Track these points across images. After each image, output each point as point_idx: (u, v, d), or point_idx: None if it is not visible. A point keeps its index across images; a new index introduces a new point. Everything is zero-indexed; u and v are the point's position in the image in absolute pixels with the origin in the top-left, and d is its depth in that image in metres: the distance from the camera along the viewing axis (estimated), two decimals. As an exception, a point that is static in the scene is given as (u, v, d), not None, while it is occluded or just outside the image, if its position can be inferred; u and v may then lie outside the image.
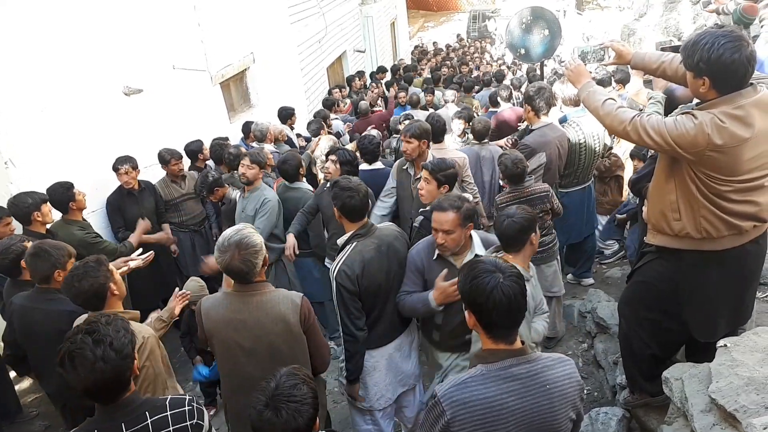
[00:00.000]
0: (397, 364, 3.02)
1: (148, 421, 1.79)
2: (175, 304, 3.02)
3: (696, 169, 2.22)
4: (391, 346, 2.98)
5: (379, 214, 4.04)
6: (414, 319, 3.11)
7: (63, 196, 4.02)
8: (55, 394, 3.15)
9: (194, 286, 3.52)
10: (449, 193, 2.86)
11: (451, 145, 5.53)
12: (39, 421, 4.26)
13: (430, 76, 11.62)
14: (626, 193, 5.36)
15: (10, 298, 3.11)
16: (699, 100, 2.28)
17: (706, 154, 2.13)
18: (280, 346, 2.43)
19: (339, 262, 2.78)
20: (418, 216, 3.49)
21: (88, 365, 1.67)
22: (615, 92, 6.10)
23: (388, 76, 12.79)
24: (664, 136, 2.16)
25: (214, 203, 4.77)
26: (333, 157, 4.19)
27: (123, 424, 1.76)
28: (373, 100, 9.58)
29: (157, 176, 5.31)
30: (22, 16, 4.28)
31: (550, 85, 4.86)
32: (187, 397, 1.92)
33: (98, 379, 1.69)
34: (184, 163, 5.46)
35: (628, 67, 2.99)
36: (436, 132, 4.32)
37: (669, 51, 2.77)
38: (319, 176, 5.63)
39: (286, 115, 7.33)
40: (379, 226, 2.98)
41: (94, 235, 4.18)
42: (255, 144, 6.01)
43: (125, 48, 5.30)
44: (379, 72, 12.43)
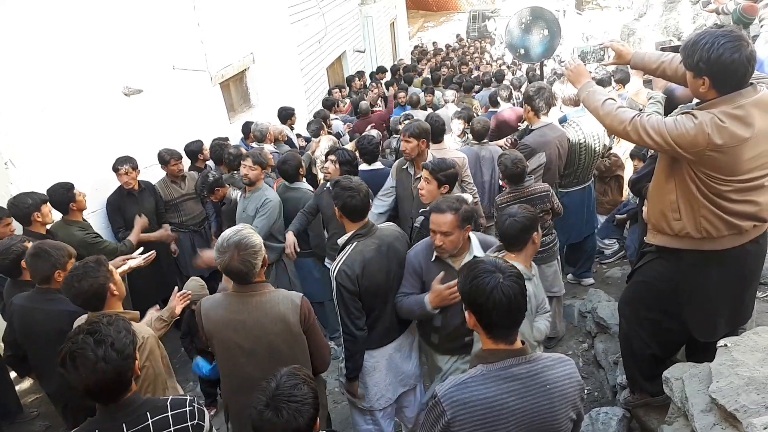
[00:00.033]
0: (398, 364, 3.02)
1: (149, 421, 1.79)
2: (176, 304, 3.01)
3: (696, 169, 2.22)
4: (391, 347, 2.98)
5: (376, 212, 4.02)
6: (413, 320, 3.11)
7: (63, 196, 4.02)
8: (55, 395, 3.15)
9: (195, 286, 3.51)
10: (448, 195, 2.85)
11: (451, 145, 5.54)
12: (39, 421, 4.26)
13: (430, 76, 11.63)
14: (626, 193, 5.36)
15: (11, 299, 3.11)
16: (699, 100, 2.28)
17: (706, 154, 2.13)
18: (279, 346, 2.43)
19: (339, 261, 2.78)
20: (419, 216, 3.49)
21: (90, 365, 1.68)
22: (615, 92, 6.10)
23: (388, 76, 12.80)
24: (664, 136, 2.16)
25: (215, 203, 4.77)
26: (332, 157, 4.19)
27: (124, 425, 1.76)
28: (373, 100, 9.59)
29: (157, 176, 5.31)
30: (22, 16, 4.28)
31: (550, 85, 4.86)
32: (188, 398, 1.93)
33: (99, 379, 1.69)
34: (184, 163, 5.46)
35: (628, 67, 2.99)
36: (435, 132, 4.31)
37: (669, 51, 2.77)
38: (319, 176, 5.63)
39: (285, 116, 7.33)
40: (380, 226, 2.98)
41: (94, 235, 4.18)
42: (255, 144, 6.01)
43: (125, 48, 5.30)
44: (378, 72, 12.44)
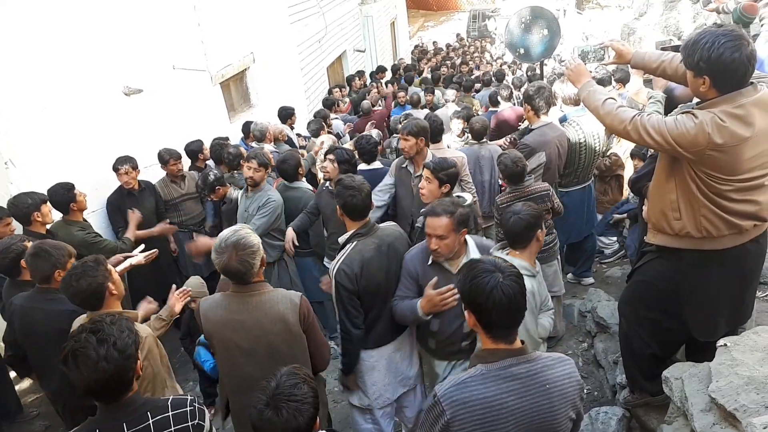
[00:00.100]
0: (397, 364, 3.02)
1: (150, 421, 1.79)
2: (175, 302, 2.99)
3: (696, 169, 2.22)
4: (391, 346, 2.98)
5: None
6: None
7: (64, 197, 4.02)
8: (55, 394, 3.14)
9: (195, 283, 3.50)
10: (443, 199, 2.83)
11: (451, 145, 5.54)
12: (39, 421, 4.27)
13: (430, 75, 11.62)
14: (626, 192, 5.36)
15: (11, 299, 3.11)
16: (699, 100, 2.28)
17: (706, 154, 2.13)
18: (279, 345, 2.43)
19: (339, 260, 2.79)
20: (420, 216, 3.48)
21: (91, 364, 1.68)
22: (615, 91, 6.09)
23: (388, 75, 12.79)
24: (664, 136, 2.16)
25: (215, 202, 4.77)
26: (331, 156, 4.19)
27: (125, 424, 1.77)
28: (375, 100, 9.58)
29: (158, 176, 5.31)
30: (22, 16, 4.28)
31: (550, 85, 4.86)
32: (189, 398, 1.93)
33: (101, 378, 1.69)
34: (184, 163, 5.46)
35: (628, 66, 2.99)
36: (434, 132, 4.30)
37: (669, 50, 2.77)
38: (319, 176, 5.63)
39: (286, 115, 7.33)
40: (381, 226, 2.98)
41: (94, 234, 4.18)
42: (255, 144, 6.01)
43: (125, 48, 5.30)
44: (378, 72, 12.43)
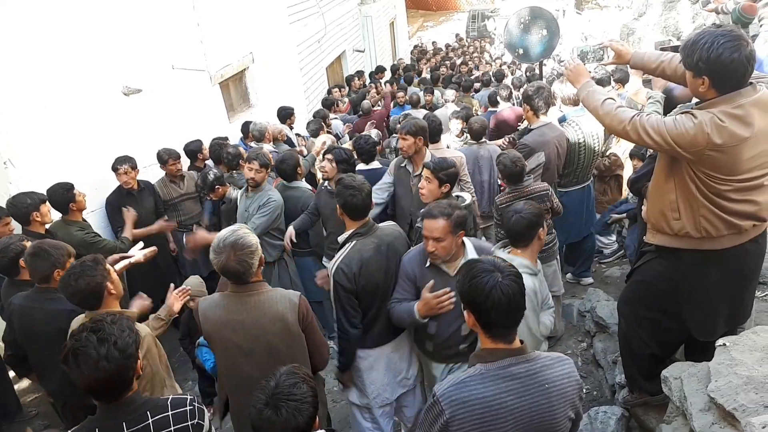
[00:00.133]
0: (396, 364, 3.02)
1: (150, 420, 1.79)
2: (173, 301, 2.98)
3: (695, 169, 2.22)
4: (389, 346, 2.98)
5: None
6: None
7: (63, 197, 4.01)
8: (55, 393, 3.13)
9: (195, 282, 3.49)
10: (440, 201, 2.82)
11: (451, 145, 5.54)
12: (38, 420, 4.26)
13: (429, 76, 11.62)
14: (626, 193, 5.37)
15: (10, 298, 3.11)
16: (698, 100, 2.28)
17: (705, 154, 2.13)
18: (278, 345, 2.43)
19: (337, 260, 2.79)
20: (419, 216, 3.48)
21: (92, 363, 1.68)
22: (614, 92, 6.10)
23: (387, 76, 12.78)
24: (663, 136, 2.16)
25: (214, 202, 4.76)
26: (329, 156, 4.20)
27: (124, 423, 1.77)
28: (375, 101, 9.58)
29: (157, 176, 5.31)
30: (21, 16, 4.28)
31: (549, 85, 4.86)
32: (189, 397, 1.93)
33: (101, 377, 1.69)
34: (183, 163, 5.45)
35: (627, 66, 2.99)
36: (432, 132, 4.31)
37: (668, 50, 2.77)
38: (318, 176, 5.63)
39: (285, 115, 7.33)
40: (380, 226, 2.98)
41: (93, 234, 4.17)
42: (254, 144, 6.00)
43: (124, 48, 5.29)
44: (377, 72, 12.43)
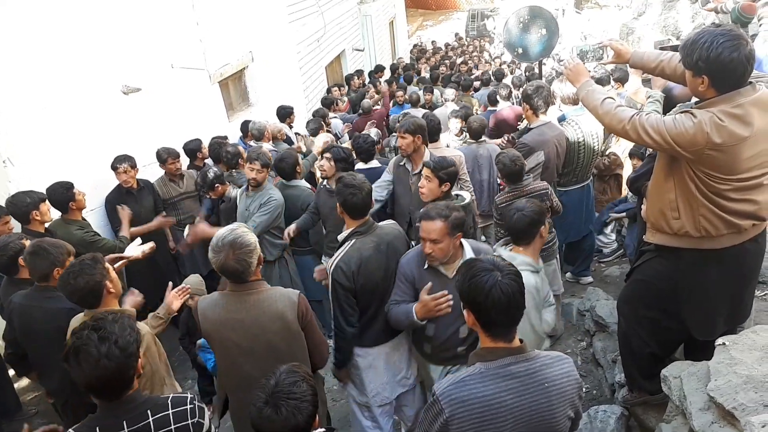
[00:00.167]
0: (396, 363, 3.02)
1: (150, 419, 1.79)
2: (172, 300, 2.97)
3: (695, 168, 2.22)
4: (388, 345, 2.98)
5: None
6: None
7: (63, 196, 4.01)
8: (55, 392, 3.13)
9: (194, 281, 3.48)
10: (438, 203, 2.81)
11: (450, 144, 5.54)
12: (38, 419, 4.25)
13: (429, 75, 11.61)
14: (625, 192, 5.37)
15: (10, 297, 3.11)
16: (698, 99, 2.28)
17: (705, 153, 2.13)
18: (278, 344, 2.43)
19: (337, 258, 2.79)
20: (418, 216, 3.48)
21: (93, 361, 1.69)
22: (614, 91, 6.10)
23: (387, 75, 12.77)
24: (663, 135, 2.16)
25: (212, 200, 4.77)
26: (327, 155, 4.20)
27: (125, 422, 1.77)
28: (376, 100, 9.56)
29: (156, 175, 5.31)
30: (21, 16, 4.27)
31: (549, 84, 4.86)
32: (189, 396, 1.93)
33: (101, 375, 1.70)
34: (183, 161, 5.45)
35: (627, 65, 3.00)
36: (431, 131, 4.31)
37: (668, 50, 2.77)
38: (318, 175, 5.63)
39: (284, 114, 7.32)
40: (380, 225, 2.98)
41: (93, 233, 4.16)
42: (253, 143, 6.00)
43: (124, 47, 5.29)
44: (377, 71, 12.41)
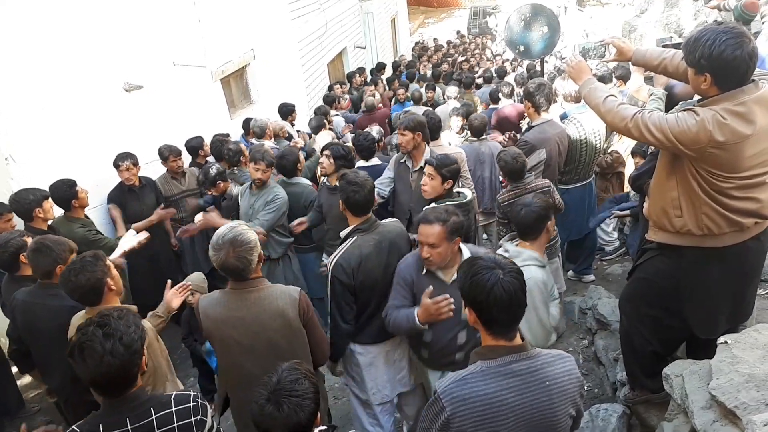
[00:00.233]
0: (396, 362, 3.02)
1: (153, 417, 1.80)
2: (171, 298, 2.94)
3: (697, 166, 2.22)
4: (389, 343, 2.98)
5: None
6: None
7: (66, 193, 4.02)
8: (57, 390, 3.14)
9: (196, 278, 3.49)
10: (436, 206, 2.79)
11: (452, 141, 5.54)
12: (41, 416, 4.27)
13: (430, 73, 11.58)
14: (627, 190, 5.36)
15: (13, 294, 3.11)
16: (700, 97, 2.28)
17: (707, 151, 2.13)
18: (279, 341, 2.44)
19: (337, 254, 2.80)
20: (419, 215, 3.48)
21: (97, 358, 1.69)
22: (616, 89, 6.09)
23: (388, 72, 12.74)
24: (665, 133, 2.16)
25: (215, 197, 4.77)
26: (327, 152, 4.20)
27: (128, 419, 1.77)
28: (379, 100, 9.53)
29: (158, 172, 5.31)
30: (22, 14, 4.28)
31: (551, 82, 4.85)
32: (192, 394, 1.93)
33: (105, 372, 1.70)
34: (184, 159, 5.45)
35: (629, 63, 2.99)
36: (432, 129, 4.31)
37: (670, 48, 2.76)
38: (319, 173, 5.63)
39: (286, 112, 7.32)
40: (382, 222, 2.98)
41: (95, 231, 4.18)
42: (255, 140, 6.00)
43: (125, 44, 5.29)
44: (378, 69, 12.38)
